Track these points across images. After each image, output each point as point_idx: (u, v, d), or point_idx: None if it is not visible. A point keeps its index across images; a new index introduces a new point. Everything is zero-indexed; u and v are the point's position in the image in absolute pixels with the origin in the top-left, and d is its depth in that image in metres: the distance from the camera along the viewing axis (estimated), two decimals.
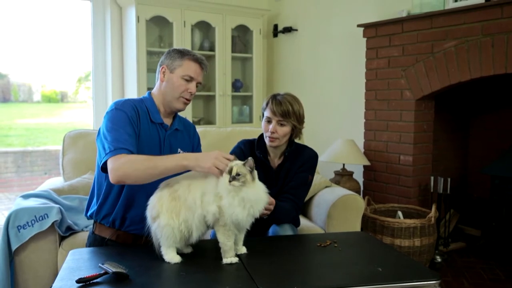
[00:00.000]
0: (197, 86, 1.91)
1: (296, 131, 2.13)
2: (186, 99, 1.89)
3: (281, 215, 2.01)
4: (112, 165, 1.65)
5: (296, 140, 2.22)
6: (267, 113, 2.11)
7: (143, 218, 1.83)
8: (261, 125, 2.16)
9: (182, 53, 1.88)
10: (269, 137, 2.09)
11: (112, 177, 1.65)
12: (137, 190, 1.81)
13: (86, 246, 1.96)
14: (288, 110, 2.06)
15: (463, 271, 3.21)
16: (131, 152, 1.69)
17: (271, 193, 1.96)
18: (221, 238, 1.57)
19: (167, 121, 1.94)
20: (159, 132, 1.88)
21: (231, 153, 2.17)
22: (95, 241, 1.91)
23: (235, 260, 1.57)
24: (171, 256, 1.57)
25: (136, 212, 1.82)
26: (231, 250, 1.58)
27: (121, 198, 1.84)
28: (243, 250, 1.66)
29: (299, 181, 2.12)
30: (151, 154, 1.83)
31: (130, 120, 1.78)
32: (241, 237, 1.65)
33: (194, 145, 2.05)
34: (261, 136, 2.21)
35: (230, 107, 4.44)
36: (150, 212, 1.62)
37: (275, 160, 2.19)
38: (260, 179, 1.63)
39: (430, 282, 1.43)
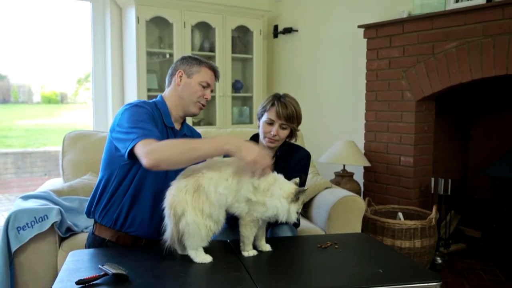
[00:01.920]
0: None
1: (293, 132, 2.14)
2: (202, 104, 1.95)
3: None
4: (145, 149, 1.59)
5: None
6: (270, 115, 2.08)
7: (144, 220, 1.82)
8: (259, 126, 2.14)
9: (199, 61, 1.96)
10: (270, 138, 2.09)
11: (147, 161, 1.56)
12: (143, 189, 1.81)
13: (86, 247, 1.95)
14: (293, 114, 2.07)
15: (463, 272, 3.21)
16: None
17: None
18: (246, 232, 1.61)
19: (177, 126, 1.96)
20: (169, 136, 1.90)
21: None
22: (94, 242, 1.90)
23: (254, 253, 1.63)
24: (202, 256, 1.56)
25: (139, 213, 1.83)
26: (251, 244, 1.64)
27: (127, 195, 1.82)
28: (267, 247, 1.69)
29: None
30: None
31: (152, 117, 1.80)
32: (263, 232, 1.68)
33: None
34: (253, 137, 2.20)
35: (230, 108, 4.44)
36: (172, 209, 1.54)
37: None
38: None
39: (430, 283, 1.43)
